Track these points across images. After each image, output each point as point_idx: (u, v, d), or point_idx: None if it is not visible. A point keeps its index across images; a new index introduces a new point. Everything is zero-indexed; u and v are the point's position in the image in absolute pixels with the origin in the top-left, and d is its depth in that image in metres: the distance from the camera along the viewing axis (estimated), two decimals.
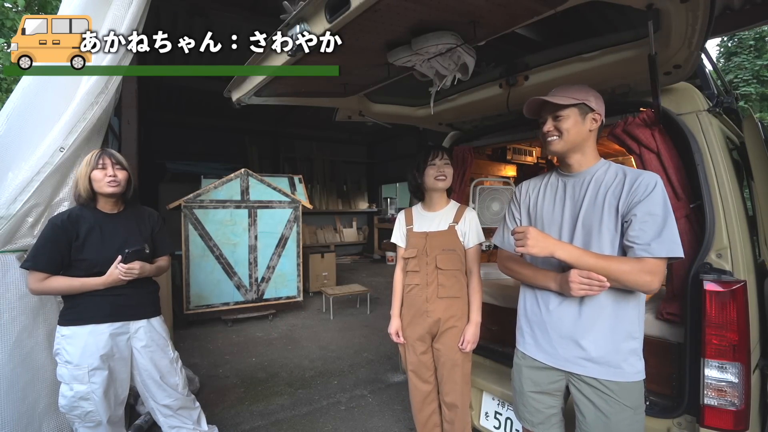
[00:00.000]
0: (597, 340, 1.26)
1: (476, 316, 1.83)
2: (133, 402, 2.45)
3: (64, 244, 1.64)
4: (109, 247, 1.71)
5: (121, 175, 1.73)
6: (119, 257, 1.67)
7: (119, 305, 1.74)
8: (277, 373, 3.43)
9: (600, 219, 1.27)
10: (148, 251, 1.81)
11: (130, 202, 1.87)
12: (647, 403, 1.33)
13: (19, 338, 1.82)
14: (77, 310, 1.68)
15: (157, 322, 1.88)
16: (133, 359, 1.82)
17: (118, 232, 1.76)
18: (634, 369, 1.26)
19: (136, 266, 1.70)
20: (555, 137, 1.32)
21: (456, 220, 1.86)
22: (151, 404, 1.92)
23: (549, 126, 1.33)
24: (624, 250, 1.24)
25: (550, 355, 1.36)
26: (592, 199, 1.30)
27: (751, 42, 11.00)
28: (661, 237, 1.15)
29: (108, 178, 1.69)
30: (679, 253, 1.15)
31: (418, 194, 1.97)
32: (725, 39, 11.58)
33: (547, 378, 1.39)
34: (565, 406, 1.44)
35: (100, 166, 1.69)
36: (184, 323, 4.58)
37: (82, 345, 1.65)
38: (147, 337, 1.82)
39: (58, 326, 1.69)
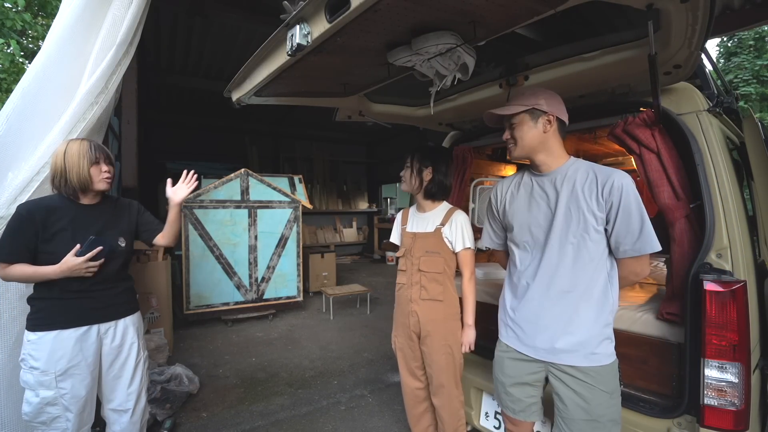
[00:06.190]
0: (574, 330, 1.33)
1: (469, 319, 1.83)
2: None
3: (30, 235, 1.56)
4: (81, 241, 1.61)
5: (112, 170, 1.72)
6: (77, 246, 1.55)
7: (86, 309, 1.66)
8: (277, 373, 3.43)
9: (577, 217, 1.31)
10: (123, 245, 1.75)
11: (107, 195, 1.81)
12: (622, 386, 1.40)
13: (19, 338, 1.81)
14: (41, 315, 1.61)
15: (129, 320, 1.80)
16: (101, 359, 1.73)
17: (93, 225, 1.68)
18: (608, 351, 1.34)
19: (95, 264, 1.59)
20: (512, 144, 1.42)
21: (443, 222, 1.84)
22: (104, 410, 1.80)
23: (507, 134, 1.43)
24: (600, 245, 1.31)
25: (531, 347, 1.41)
26: (567, 198, 1.34)
27: (751, 42, 11.01)
28: (642, 236, 1.24)
29: (104, 174, 1.67)
30: (658, 247, 1.25)
31: None
32: (725, 39, 11.58)
33: (527, 369, 1.44)
34: (544, 395, 1.49)
35: (95, 161, 1.65)
36: (184, 323, 4.58)
37: (48, 350, 1.58)
38: (115, 338, 1.74)
39: (25, 331, 1.62)
